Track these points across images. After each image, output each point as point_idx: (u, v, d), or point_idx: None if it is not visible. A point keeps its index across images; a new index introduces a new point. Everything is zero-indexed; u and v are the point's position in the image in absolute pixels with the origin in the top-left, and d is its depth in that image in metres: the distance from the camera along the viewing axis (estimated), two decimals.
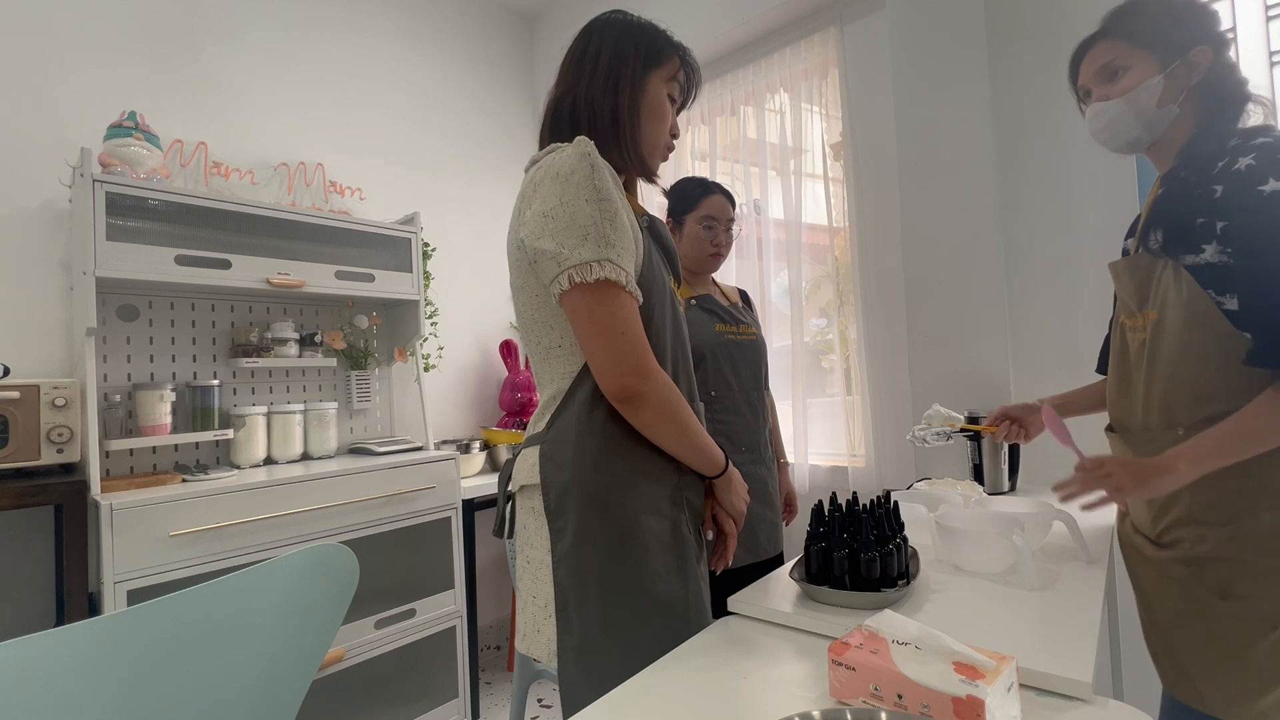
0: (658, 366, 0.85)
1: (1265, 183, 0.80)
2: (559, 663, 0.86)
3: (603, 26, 0.97)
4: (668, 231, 1.03)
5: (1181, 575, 0.90)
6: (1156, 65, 0.92)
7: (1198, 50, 0.91)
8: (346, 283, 2.06)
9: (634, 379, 0.82)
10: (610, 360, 0.83)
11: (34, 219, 1.78)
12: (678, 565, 0.88)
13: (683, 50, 0.99)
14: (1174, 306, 0.89)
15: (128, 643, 0.65)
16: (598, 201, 0.82)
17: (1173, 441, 0.88)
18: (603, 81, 0.93)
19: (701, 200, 1.60)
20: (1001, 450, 1.51)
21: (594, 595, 0.84)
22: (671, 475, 0.90)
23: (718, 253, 1.61)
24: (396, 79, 2.65)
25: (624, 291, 0.83)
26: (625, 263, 0.83)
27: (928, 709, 0.56)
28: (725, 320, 1.60)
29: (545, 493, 0.88)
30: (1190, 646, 0.89)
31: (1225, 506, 0.86)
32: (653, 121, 0.95)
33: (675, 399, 0.86)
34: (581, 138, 0.86)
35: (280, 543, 1.65)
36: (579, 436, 0.87)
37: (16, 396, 1.52)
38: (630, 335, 0.83)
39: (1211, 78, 0.91)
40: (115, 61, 1.94)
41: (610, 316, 0.82)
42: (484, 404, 2.85)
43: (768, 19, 2.30)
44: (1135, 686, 1.55)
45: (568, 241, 0.82)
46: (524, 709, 1.58)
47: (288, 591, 0.79)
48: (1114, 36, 0.98)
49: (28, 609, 1.69)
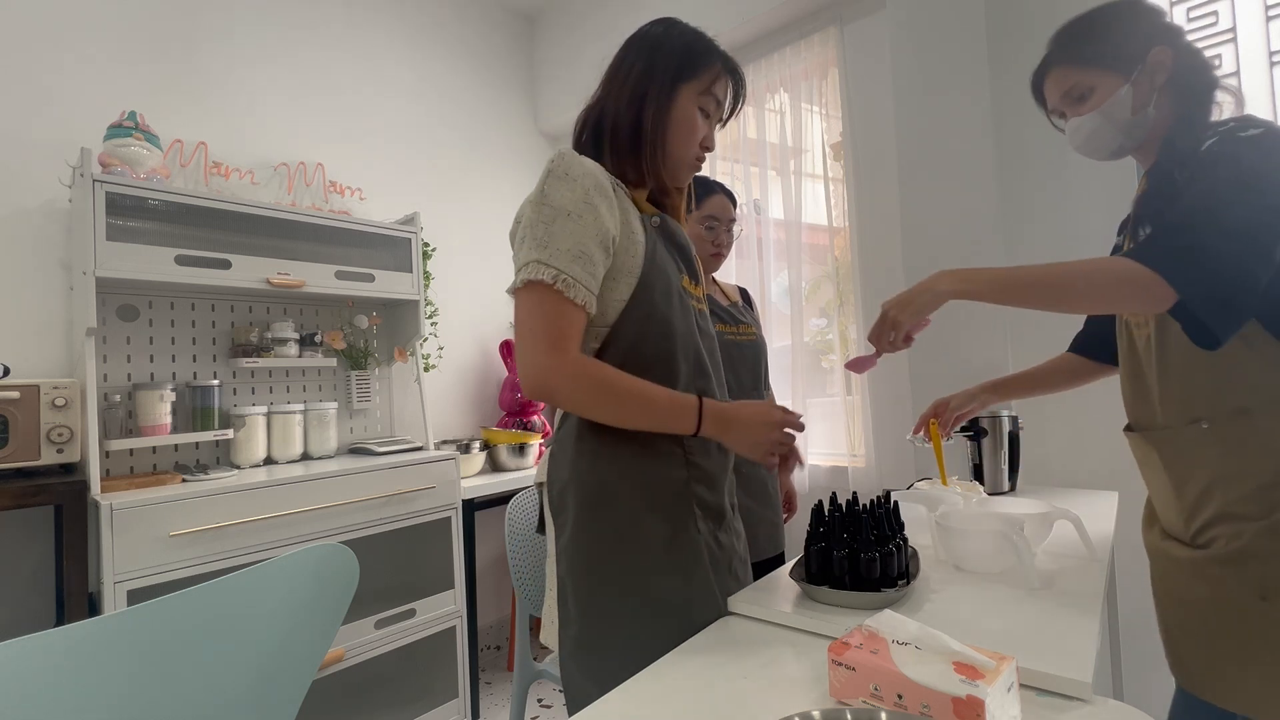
0: (564, 359, 0.82)
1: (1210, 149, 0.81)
2: (559, 655, 0.89)
3: (640, 39, 0.97)
4: (681, 230, 1.02)
5: (1217, 575, 0.86)
6: (1119, 78, 0.93)
7: (1155, 51, 0.91)
8: (346, 283, 2.06)
9: (535, 378, 0.82)
10: (519, 362, 0.85)
11: (34, 219, 1.79)
12: (680, 565, 0.87)
13: (726, 60, 0.98)
14: None
15: (128, 643, 0.65)
16: (539, 206, 0.84)
17: (1196, 437, 0.87)
18: (629, 96, 0.93)
19: (704, 200, 1.59)
20: (1001, 450, 1.51)
21: (587, 590, 0.85)
22: (679, 473, 0.89)
23: (719, 252, 1.61)
24: (397, 79, 2.65)
25: (549, 290, 0.81)
26: (560, 262, 0.81)
27: (928, 709, 0.56)
28: (725, 320, 1.60)
29: (550, 490, 0.91)
30: (1227, 647, 0.85)
31: (1263, 499, 0.82)
32: (678, 137, 0.95)
33: (594, 382, 0.83)
34: (564, 146, 0.90)
35: (280, 543, 1.65)
36: (578, 436, 0.88)
37: (16, 396, 1.52)
38: (539, 334, 0.81)
39: (1177, 71, 0.91)
40: (115, 61, 1.94)
41: (525, 318, 0.83)
42: (484, 404, 2.85)
43: (768, 19, 2.30)
44: (1135, 686, 1.55)
45: (515, 249, 0.87)
46: (524, 709, 1.58)
47: (288, 591, 0.79)
48: (1066, 64, 0.98)
49: (28, 609, 1.69)
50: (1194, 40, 0.97)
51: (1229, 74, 1.56)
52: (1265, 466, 0.82)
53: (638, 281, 0.88)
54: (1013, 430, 1.56)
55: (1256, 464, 0.83)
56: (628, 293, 0.88)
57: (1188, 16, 1.63)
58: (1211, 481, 0.87)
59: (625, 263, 0.88)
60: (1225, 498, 0.86)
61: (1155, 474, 0.97)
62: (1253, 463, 0.83)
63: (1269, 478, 0.82)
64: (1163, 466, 0.94)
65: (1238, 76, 1.55)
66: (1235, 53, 1.56)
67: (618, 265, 0.87)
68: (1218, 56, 1.58)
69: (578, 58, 2.94)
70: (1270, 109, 1.51)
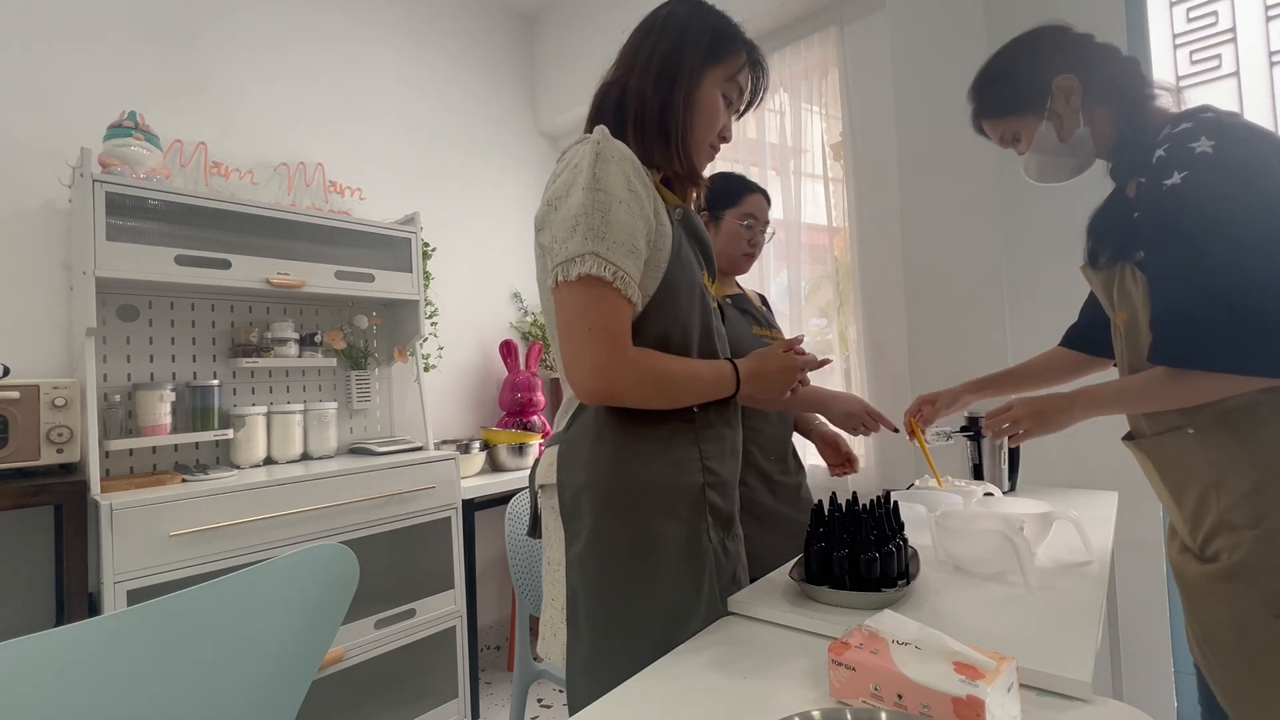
0: (625, 358, 0.80)
1: (1170, 176, 0.79)
2: (567, 669, 0.85)
3: (666, 16, 0.92)
4: (703, 225, 0.99)
5: (1230, 592, 0.83)
6: (1035, 117, 0.96)
7: (1057, 80, 0.93)
8: (346, 283, 2.06)
9: (597, 380, 0.79)
10: (575, 361, 0.80)
11: (34, 219, 1.78)
12: (692, 574, 0.86)
13: (751, 48, 0.94)
14: (1140, 304, 0.88)
15: (128, 643, 0.65)
16: (593, 191, 0.78)
17: (1184, 444, 0.86)
18: (656, 75, 0.89)
19: (744, 197, 1.53)
20: (1001, 450, 1.51)
21: (603, 602, 0.82)
22: (695, 479, 0.88)
23: (751, 254, 1.54)
24: (397, 79, 2.65)
25: (608, 287, 0.78)
26: (617, 257, 0.78)
27: (928, 709, 0.56)
28: (760, 323, 1.55)
29: (561, 494, 0.86)
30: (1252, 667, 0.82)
31: (1250, 506, 0.81)
32: (702, 120, 0.91)
33: (650, 379, 0.82)
34: (600, 126, 0.84)
35: (280, 543, 1.65)
36: (596, 437, 0.85)
37: (16, 396, 1.52)
38: (599, 333, 0.79)
39: (1092, 87, 0.93)
40: (115, 61, 1.94)
41: (579, 314, 0.79)
42: (484, 404, 2.85)
43: (768, 19, 2.30)
44: (1135, 686, 1.55)
45: (559, 234, 0.80)
46: (524, 709, 1.58)
47: (288, 591, 0.79)
48: (985, 117, 1.03)
49: (28, 609, 1.69)
50: (1103, 43, 0.97)
51: (1229, 74, 1.57)
52: (1247, 472, 0.81)
53: (663, 277, 0.85)
54: None
55: (1241, 469, 0.81)
56: (653, 288, 0.85)
57: (1188, 17, 1.63)
58: (1205, 489, 0.86)
59: (654, 256, 0.85)
60: (1220, 506, 0.84)
61: (1155, 483, 0.96)
62: (1237, 468, 0.82)
63: (1252, 483, 0.81)
64: (1159, 475, 0.93)
65: (1238, 77, 1.55)
66: (1235, 53, 1.56)
67: (648, 257, 0.84)
68: (1217, 56, 1.58)
69: (578, 58, 2.94)
70: (1270, 109, 1.51)
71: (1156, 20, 1.67)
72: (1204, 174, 0.77)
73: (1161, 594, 1.60)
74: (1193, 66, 1.62)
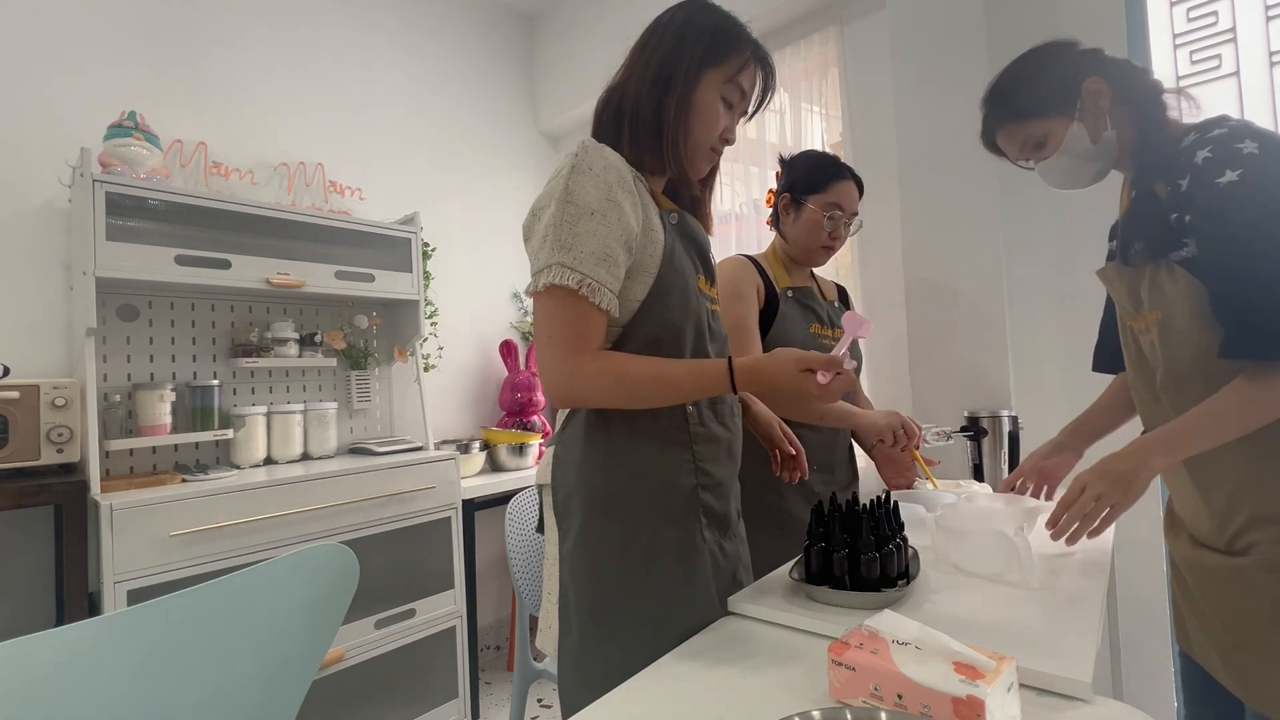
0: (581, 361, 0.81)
1: (1222, 174, 0.81)
2: (558, 664, 0.86)
3: (668, 20, 0.92)
4: (700, 228, 0.99)
5: (1270, 585, 0.82)
6: (1066, 119, 0.96)
7: (1088, 83, 0.94)
8: (346, 283, 2.06)
9: (557, 384, 0.82)
10: (540, 366, 0.84)
11: (34, 219, 1.78)
12: (685, 574, 0.86)
13: (756, 49, 0.93)
14: (1177, 302, 0.87)
15: (128, 643, 0.65)
16: (564, 204, 0.80)
17: None
18: (652, 80, 0.89)
19: (833, 184, 1.39)
20: (1001, 450, 1.51)
21: (592, 598, 0.84)
22: (687, 480, 0.88)
23: (831, 246, 1.43)
24: (397, 79, 2.65)
25: (573, 295, 0.79)
26: (585, 266, 0.79)
27: (928, 709, 0.56)
28: (822, 322, 1.43)
29: (555, 494, 0.88)
30: None
31: None
32: (699, 123, 0.90)
33: (606, 381, 0.81)
34: (587, 138, 0.86)
35: (280, 543, 1.65)
36: (587, 438, 0.86)
37: (16, 396, 1.52)
38: (559, 340, 0.81)
39: (1119, 92, 0.94)
40: (115, 61, 1.94)
41: (546, 323, 0.82)
42: (484, 404, 2.85)
43: (768, 19, 2.30)
44: (1135, 686, 1.55)
45: (535, 245, 0.83)
46: (524, 709, 1.58)
47: (288, 591, 0.79)
48: (1011, 121, 1.02)
49: (28, 609, 1.69)
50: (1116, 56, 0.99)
51: (1229, 74, 1.56)
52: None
53: (654, 282, 0.86)
54: (1012, 430, 1.56)
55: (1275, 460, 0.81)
56: (644, 292, 0.86)
57: (1188, 17, 1.63)
58: (1240, 485, 0.85)
59: (643, 261, 0.85)
60: (1257, 500, 0.84)
61: (1178, 479, 0.95)
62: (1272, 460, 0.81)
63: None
64: (1185, 471, 0.92)
65: (1238, 77, 1.55)
66: (1235, 53, 1.56)
67: (636, 263, 0.85)
68: (1217, 56, 1.58)
69: (578, 58, 2.94)
70: (1270, 109, 1.51)
71: (1156, 20, 1.67)
72: (1258, 172, 0.79)
73: (1161, 593, 1.60)
74: (1193, 66, 1.62)
